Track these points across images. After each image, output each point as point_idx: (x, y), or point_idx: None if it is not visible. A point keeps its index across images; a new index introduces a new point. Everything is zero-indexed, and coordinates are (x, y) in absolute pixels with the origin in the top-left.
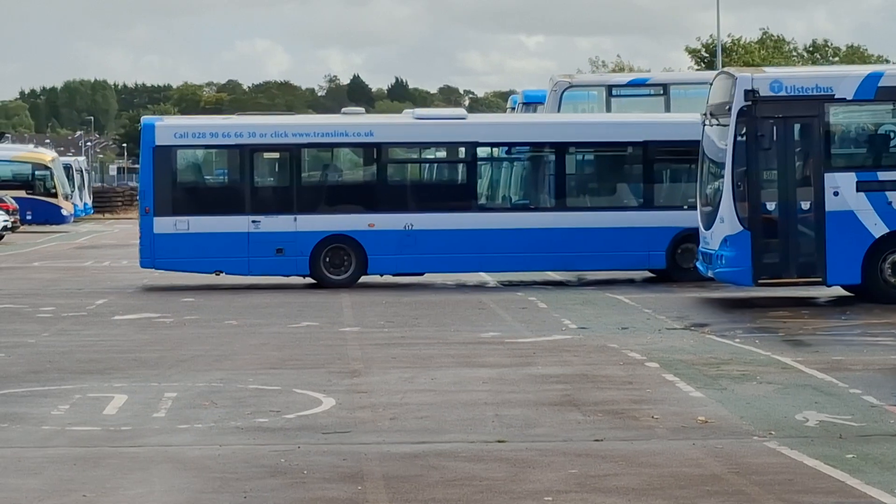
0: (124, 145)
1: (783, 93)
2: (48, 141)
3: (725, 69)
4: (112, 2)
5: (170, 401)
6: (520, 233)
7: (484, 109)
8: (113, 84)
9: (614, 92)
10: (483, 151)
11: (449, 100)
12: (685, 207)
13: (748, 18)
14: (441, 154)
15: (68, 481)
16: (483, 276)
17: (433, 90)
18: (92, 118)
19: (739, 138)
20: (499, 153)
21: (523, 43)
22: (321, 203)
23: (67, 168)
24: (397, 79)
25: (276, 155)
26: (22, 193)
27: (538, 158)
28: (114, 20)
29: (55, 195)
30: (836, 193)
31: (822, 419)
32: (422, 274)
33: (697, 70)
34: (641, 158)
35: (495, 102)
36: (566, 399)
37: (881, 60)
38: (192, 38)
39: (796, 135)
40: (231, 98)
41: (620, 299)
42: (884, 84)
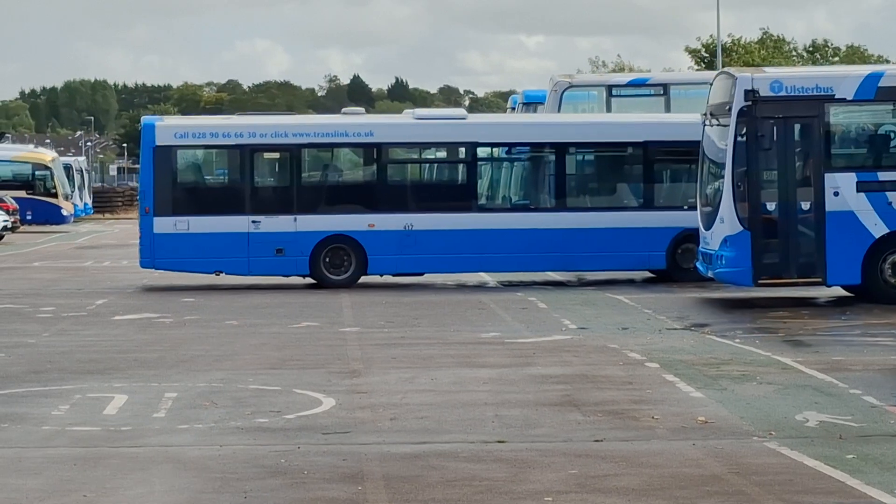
0: (124, 145)
1: (783, 93)
2: (48, 141)
3: (725, 69)
4: (112, 2)
5: (170, 401)
6: (520, 233)
7: (484, 109)
8: (113, 84)
9: (614, 92)
10: (483, 151)
11: (449, 100)
12: (685, 208)
13: (748, 18)
14: (441, 154)
15: (68, 481)
16: (483, 277)
17: (433, 90)
18: (92, 118)
19: (739, 138)
20: (499, 153)
21: (523, 43)
22: (321, 203)
23: (67, 168)
24: (397, 79)
25: (277, 155)
26: (22, 193)
27: (538, 159)
28: (114, 20)
29: (55, 195)
30: (837, 194)
31: (823, 419)
32: (422, 274)
33: (697, 70)
34: (641, 159)
35: (495, 102)
36: (566, 399)
37: (881, 60)
38: (192, 38)
39: (796, 135)
40: (231, 98)
41: (620, 299)
42: (884, 84)
